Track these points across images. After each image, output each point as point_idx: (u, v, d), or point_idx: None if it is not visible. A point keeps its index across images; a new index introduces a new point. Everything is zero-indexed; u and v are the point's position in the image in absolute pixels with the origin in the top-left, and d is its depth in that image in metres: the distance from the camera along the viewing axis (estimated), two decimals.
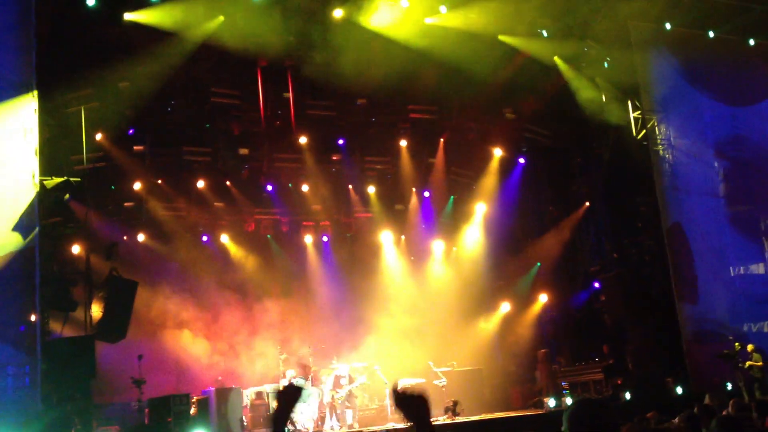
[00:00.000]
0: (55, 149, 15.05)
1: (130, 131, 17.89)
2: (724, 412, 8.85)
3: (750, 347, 18.27)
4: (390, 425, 15.96)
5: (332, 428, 15.70)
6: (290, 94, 19.09)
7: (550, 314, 22.12)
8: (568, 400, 16.76)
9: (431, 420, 2.91)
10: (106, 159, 17.36)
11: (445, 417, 16.36)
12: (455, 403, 16.57)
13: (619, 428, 2.24)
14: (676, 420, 8.92)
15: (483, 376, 19.29)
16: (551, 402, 17.55)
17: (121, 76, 16.25)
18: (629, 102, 20.48)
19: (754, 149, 20.98)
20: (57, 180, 14.66)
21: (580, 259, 22.37)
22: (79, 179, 15.40)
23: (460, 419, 16.18)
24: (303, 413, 15.66)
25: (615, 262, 21.14)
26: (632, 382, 18.02)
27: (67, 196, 15.15)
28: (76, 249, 16.25)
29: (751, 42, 21.14)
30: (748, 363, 17.91)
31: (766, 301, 19.97)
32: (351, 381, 16.52)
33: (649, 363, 19.09)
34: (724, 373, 18.02)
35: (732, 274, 20.03)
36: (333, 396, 16.15)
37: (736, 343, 18.61)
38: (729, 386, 17.46)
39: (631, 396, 17.25)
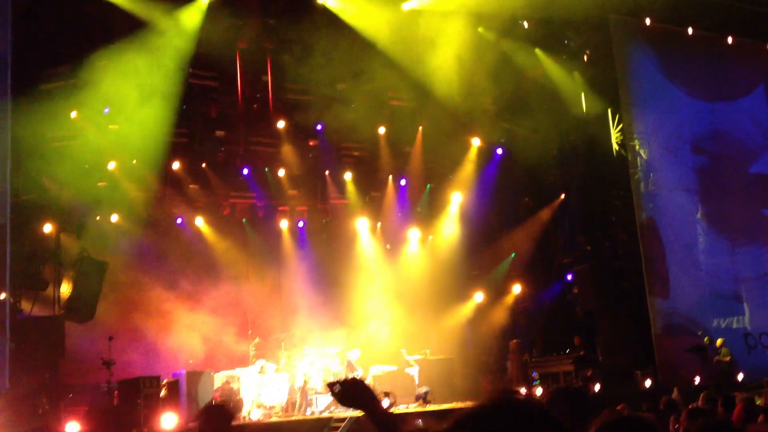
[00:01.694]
0: (29, 127, 14.83)
1: (106, 110, 17.63)
2: (692, 406, 8.96)
3: (719, 342, 18.53)
4: (361, 413, 15.97)
5: (303, 414, 15.68)
6: (269, 78, 18.95)
7: (523, 305, 22.23)
8: (538, 391, 16.87)
9: (381, 404, 2.88)
10: (81, 137, 17.11)
11: (416, 405, 16.41)
12: (426, 392, 16.63)
13: (594, 416, 2.24)
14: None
15: (454, 365, 19.36)
16: (521, 392, 17.63)
17: (99, 54, 16.03)
18: (607, 96, 20.57)
19: (734, 144, 21.17)
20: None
21: (554, 251, 22.49)
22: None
23: (431, 407, 16.24)
24: (272, 398, 15.64)
25: (588, 254, 21.28)
26: (602, 374, 18.18)
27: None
28: (47, 228, 16.05)
29: (729, 40, 21.32)
30: (716, 358, 18.18)
31: (735, 297, 20.23)
32: (326, 367, 16.53)
33: (619, 355, 19.28)
34: (692, 367, 18.26)
35: (702, 270, 20.24)
36: (306, 381, 16.13)
37: (705, 338, 18.89)
38: (697, 380, 17.68)
39: (600, 388, 17.40)
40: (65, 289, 15.12)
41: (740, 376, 17.90)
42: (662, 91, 20.72)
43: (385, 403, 15.33)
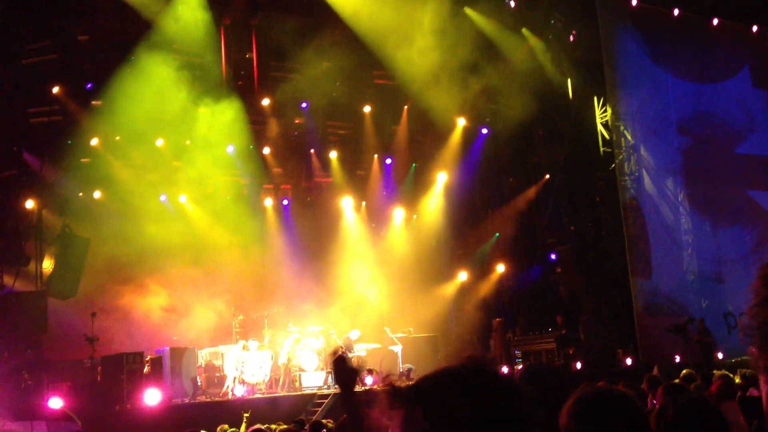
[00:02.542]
0: (10, 101, 14.70)
1: (89, 85, 17.48)
2: (666, 384, 9.05)
3: (700, 322, 18.69)
4: None
5: (286, 391, 15.74)
6: (254, 55, 18.82)
7: (507, 284, 22.35)
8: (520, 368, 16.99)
9: (355, 390, 3.06)
10: (63, 113, 16.98)
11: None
12: (410, 369, 16.71)
13: (569, 393, 2.26)
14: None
15: (438, 343, 19.45)
16: (504, 369, 17.80)
17: (82, 28, 15.86)
18: (593, 77, 20.56)
19: (719, 126, 21.23)
20: None
21: (538, 231, 22.59)
22: None
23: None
24: (254, 375, 15.67)
25: (572, 235, 21.39)
26: (583, 353, 18.33)
27: None
28: (29, 204, 15.95)
29: (715, 21, 21.35)
30: (696, 337, 18.34)
31: (716, 278, 20.40)
32: (309, 345, 16.59)
33: (601, 334, 19.43)
34: (673, 346, 18.43)
35: (684, 251, 20.38)
36: (289, 359, 16.18)
37: (687, 318, 19.06)
38: (677, 359, 17.85)
39: (581, 366, 17.55)
40: (47, 265, 15.05)
41: (720, 355, 18.08)
42: (648, 72, 20.74)
43: (368, 380, 15.41)
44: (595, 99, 20.55)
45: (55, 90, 16.46)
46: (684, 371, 9.75)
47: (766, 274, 2.05)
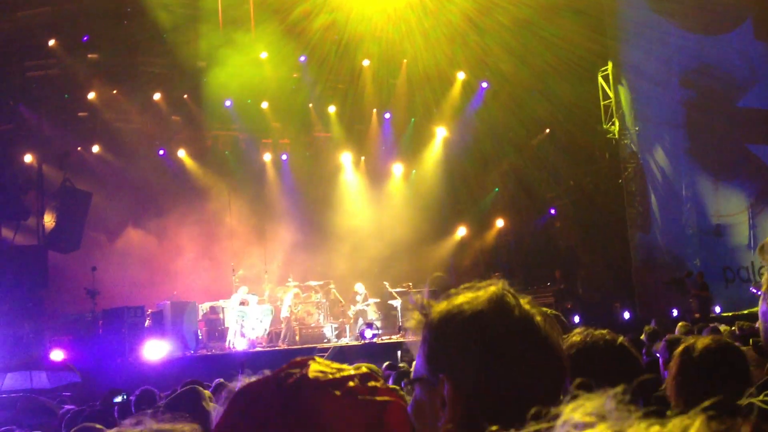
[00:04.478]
0: (6, 54, 14.55)
1: (84, 38, 17.27)
2: (669, 336, 9.13)
3: (699, 276, 18.78)
4: (344, 342, 16.24)
5: (287, 344, 15.87)
6: (251, 7, 18.57)
7: (506, 239, 22.39)
8: None
9: None
10: (59, 66, 16.82)
11: (398, 336, 16.61)
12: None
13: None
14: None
15: (437, 298, 19.49)
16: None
17: None
18: (595, 28, 20.32)
19: (721, 79, 21.02)
20: None
21: (537, 186, 22.54)
22: None
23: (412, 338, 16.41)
24: (254, 329, 15.80)
25: (571, 189, 21.36)
26: (581, 307, 18.45)
27: None
28: (28, 158, 15.90)
29: None
30: (694, 291, 18.45)
31: (715, 232, 20.42)
32: (308, 299, 16.69)
33: (599, 288, 19.55)
34: (670, 299, 18.54)
35: (684, 205, 20.38)
36: (291, 312, 16.28)
37: (686, 272, 19.14)
38: (675, 312, 17.97)
39: (579, 320, 17.67)
40: (48, 219, 15.06)
41: (717, 309, 18.21)
42: (651, 23, 20.47)
43: (368, 333, 15.54)
44: (597, 52, 20.33)
45: (51, 43, 16.27)
46: (680, 324, 9.83)
47: None
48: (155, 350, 13.47)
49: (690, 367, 2.82)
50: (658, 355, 7.01)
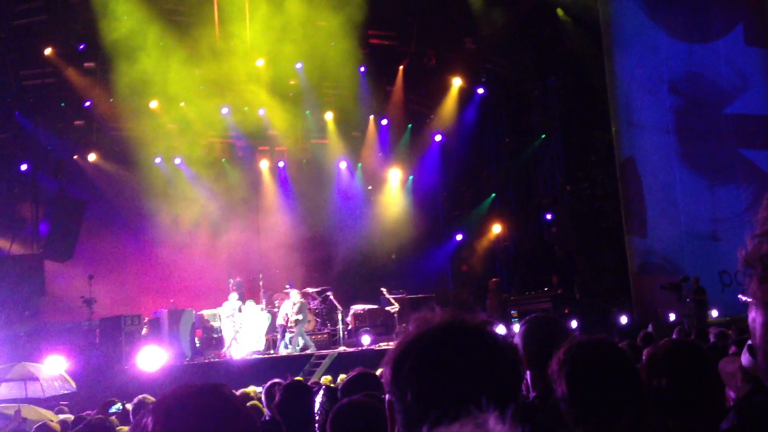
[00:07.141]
0: (2, 63, 14.55)
1: (81, 46, 17.28)
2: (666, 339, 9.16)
3: (695, 281, 18.78)
4: (342, 349, 16.20)
5: (287, 349, 15.83)
6: (246, 13, 18.59)
7: (503, 244, 22.40)
8: (516, 328, 17.11)
9: None
10: (56, 75, 16.82)
11: (395, 342, 16.58)
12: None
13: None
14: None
15: (434, 304, 19.49)
16: (501, 329, 17.89)
17: None
18: (590, 34, 20.40)
19: (709, 87, 21.11)
20: None
21: (534, 191, 22.58)
22: None
23: None
24: (251, 336, 15.76)
25: (568, 194, 21.39)
26: (579, 312, 18.44)
27: None
28: (23, 167, 15.88)
29: None
30: (691, 295, 18.44)
31: (712, 236, 20.43)
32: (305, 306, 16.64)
33: (596, 293, 19.55)
34: (667, 304, 18.54)
35: (680, 209, 20.40)
36: (287, 319, 16.23)
37: (682, 276, 19.14)
38: (672, 317, 17.97)
39: (577, 325, 17.67)
40: (44, 228, 15.04)
41: (714, 313, 18.21)
42: (644, 31, 20.55)
43: (365, 340, 15.52)
44: (592, 57, 20.39)
45: (47, 51, 16.27)
46: (677, 327, 9.86)
47: None
48: (152, 359, 13.43)
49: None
50: None
